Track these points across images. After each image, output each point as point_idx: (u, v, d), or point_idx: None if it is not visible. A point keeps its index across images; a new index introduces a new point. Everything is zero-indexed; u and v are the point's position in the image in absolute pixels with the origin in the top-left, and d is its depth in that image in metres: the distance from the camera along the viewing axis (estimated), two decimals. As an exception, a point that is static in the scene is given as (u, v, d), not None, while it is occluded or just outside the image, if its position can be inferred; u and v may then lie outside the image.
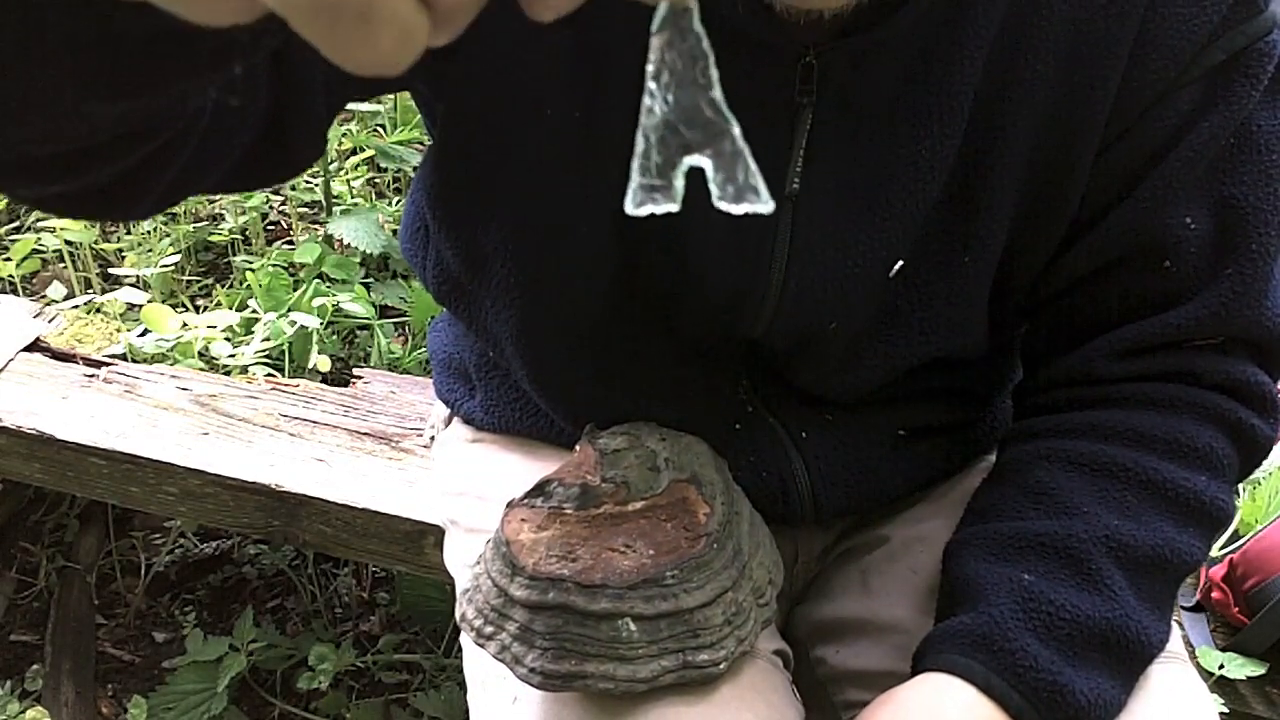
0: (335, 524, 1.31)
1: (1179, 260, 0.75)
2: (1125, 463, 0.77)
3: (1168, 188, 0.74)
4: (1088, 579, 0.73)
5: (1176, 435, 0.77)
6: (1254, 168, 0.73)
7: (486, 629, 0.72)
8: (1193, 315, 0.77)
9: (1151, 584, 0.74)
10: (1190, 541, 0.76)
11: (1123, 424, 0.78)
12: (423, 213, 0.88)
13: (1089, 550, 0.73)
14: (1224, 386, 0.79)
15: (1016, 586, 0.73)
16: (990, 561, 0.76)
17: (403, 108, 2.27)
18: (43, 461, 1.39)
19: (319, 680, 1.55)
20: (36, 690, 1.59)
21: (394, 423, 1.41)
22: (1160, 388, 0.79)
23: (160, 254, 1.98)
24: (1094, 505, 0.76)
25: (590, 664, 0.69)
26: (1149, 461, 0.77)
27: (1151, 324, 0.78)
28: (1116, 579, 0.73)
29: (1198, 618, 1.27)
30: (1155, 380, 0.79)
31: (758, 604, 0.75)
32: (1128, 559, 0.74)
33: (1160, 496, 0.76)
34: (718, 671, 0.71)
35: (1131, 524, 0.74)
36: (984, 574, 0.75)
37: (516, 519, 0.75)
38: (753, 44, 0.68)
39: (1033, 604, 0.72)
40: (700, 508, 0.74)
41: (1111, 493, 0.76)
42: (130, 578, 1.75)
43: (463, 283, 0.87)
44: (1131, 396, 0.80)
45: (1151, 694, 0.76)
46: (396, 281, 2.02)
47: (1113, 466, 0.77)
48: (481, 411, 0.98)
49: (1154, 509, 0.76)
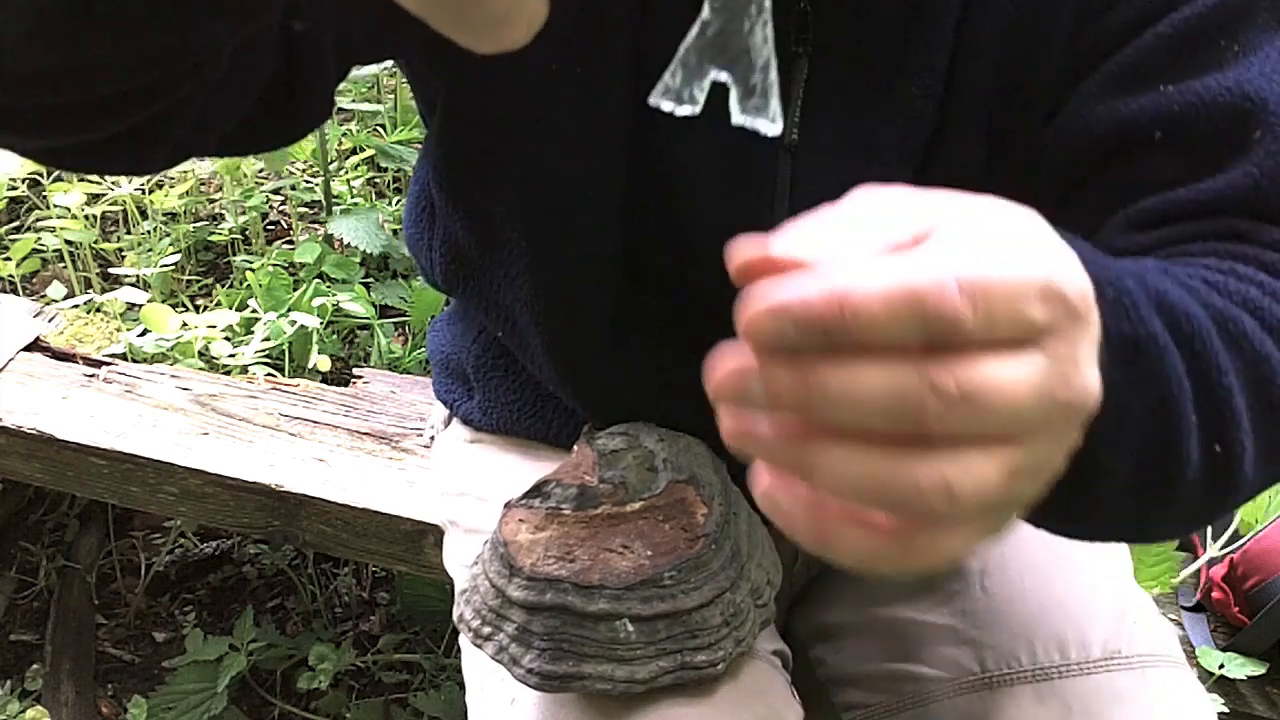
0: (335, 524, 1.31)
1: (1183, 139, 0.66)
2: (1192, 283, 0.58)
3: (1135, 70, 0.67)
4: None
5: (1234, 270, 0.60)
6: (1226, 48, 0.66)
7: (484, 629, 0.72)
8: (1224, 185, 0.64)
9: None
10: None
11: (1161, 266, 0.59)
12: (428, 193, 0.88)
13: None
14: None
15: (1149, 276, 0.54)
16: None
17: (403, 108, 2.27)
18: (43, 461, 1.39)
19: (319, 680, 1.55)
20: (36, 690, 1.59)
21: (394, 423, 1.41)
22: (1199, 246, 0.64)
23: (160, 254, 1.98)
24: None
25: (588, 665, 0.69)
26: (1210, 295, 0.57)
27: (1175, 193, 0.66)
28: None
29: (1198, 618, 1.27)
30: (1191, 242, 0.65)
31: (756, 605, 0.75)
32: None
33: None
34: (716, 672, 0.71)
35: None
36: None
37: (514, 519, 0.75)
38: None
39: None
40: (698, 508, 0.74)
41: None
42: (130, 577, 1.75)
43: (472, 258, 0.87)
44: (1163, 256, 0.64)
45: (1149, 697, 0.76)
46: (396, 281, 2.02)
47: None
48: (480, 412, 0.98)
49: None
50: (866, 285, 0.34)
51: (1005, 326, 0.36)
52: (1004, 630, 0.81)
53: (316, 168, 2.19)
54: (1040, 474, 0.39)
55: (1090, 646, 0.78)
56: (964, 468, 0.36)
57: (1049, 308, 0.36)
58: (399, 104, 2.28)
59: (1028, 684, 0.78)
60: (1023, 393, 0.36)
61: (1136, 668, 0.78)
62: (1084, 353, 0.39)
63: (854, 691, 0.87)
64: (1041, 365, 0.36)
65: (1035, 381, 0.36)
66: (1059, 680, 0.78)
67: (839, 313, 0.34)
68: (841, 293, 0.34)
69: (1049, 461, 0.39)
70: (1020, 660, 0.79)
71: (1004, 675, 0.79)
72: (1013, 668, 0.79)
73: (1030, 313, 0.36)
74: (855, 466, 0.36)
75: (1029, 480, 0.39)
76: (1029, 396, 0.36)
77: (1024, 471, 0.38)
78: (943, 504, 0.36)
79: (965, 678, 0.80)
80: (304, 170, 2.30)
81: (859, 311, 0.34)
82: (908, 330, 0.34)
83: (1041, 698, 0.77)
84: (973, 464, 0.36)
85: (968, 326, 0.34)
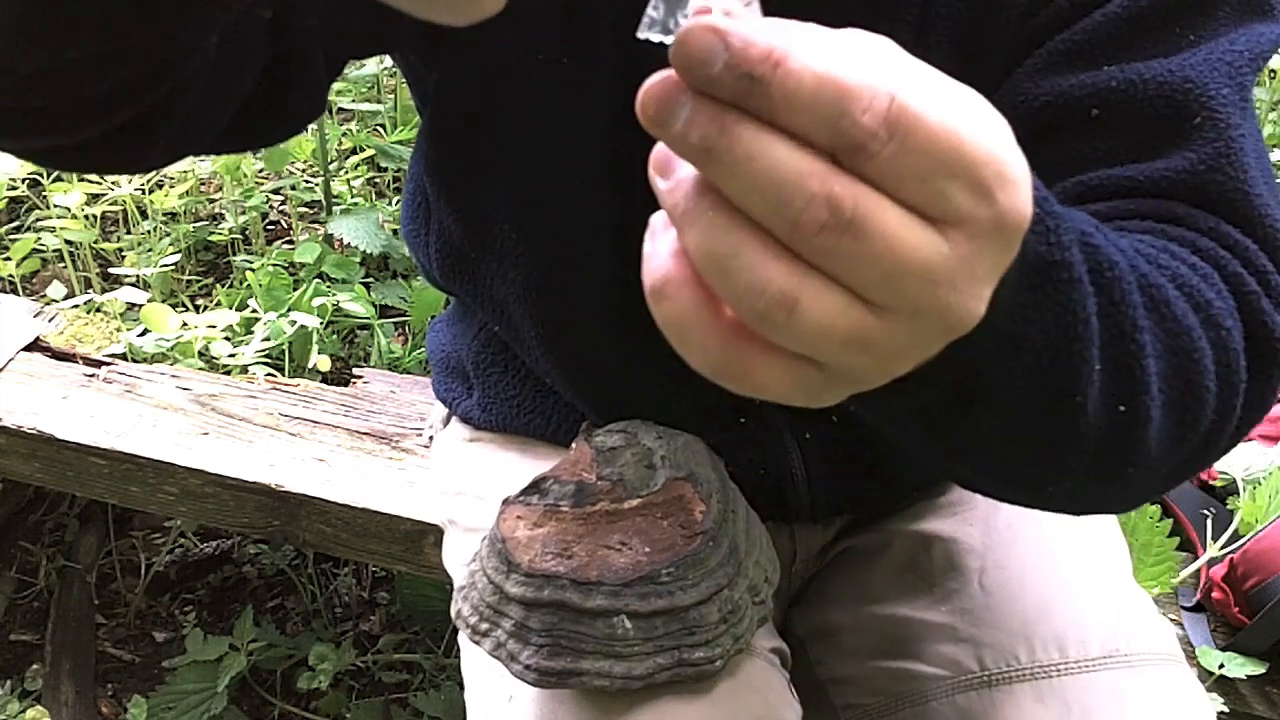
0: (335, 524, 1.31)
1: (1120, 119, 0.65)
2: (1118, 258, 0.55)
3: (1080, 47, 0.66)
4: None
5: (1167, 248, 0.60)
6: (1181, 35, 0.65)
7: (482, 626, 0.72)
8: (1162, 167, 0.63)
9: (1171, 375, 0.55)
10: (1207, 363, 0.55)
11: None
12: (422, 188, 0.89)
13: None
14: (1217, 237, 0.62)
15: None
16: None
17: (403, 108, 2.27)
18: (43, 461, 1.39)
19: (319, 680, 1.55)
20: (36, 690, 1.59)
21: (394, 423, 1.41)
22: (1135, 224, 0.63)
23: (160, 254, 1.98)
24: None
25: (585, 661, 0.69)
26: (1139, 263, 0.56)
27: (1113, 171, 0.65)
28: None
29: (1198, 617, 1.26)
30: (1127, 219, 0.64)
31: (754, 602, 0.75)
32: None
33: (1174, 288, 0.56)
34: (713, 669, 0.71)
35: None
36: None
37: (512, 516, 0.75)
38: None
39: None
40: (696, 505, 0.74)
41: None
42: (130, 577, 1.75)
43: (466, 251, 0.87)
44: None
45: (1148, 696, 0.76)
46: (396, 281, 2.02)
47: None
48: (479, 409, 0.98)
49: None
50: (810, 58, 0.32)
51: (916, 187, 0.33)
52: (1003, 628, 0.81)
53: (316, 167, 2.19)
54: (882, 363, 0.37)
55: (1089, 645, 0.78)
56: (818, 296, 0.34)
57: (975, 200, 0.34)
58: (399, 104, 2.28)
59: (1027, 682, 0.78)
60: (908, 261, 0.34)
61: (1136, 666, 0.78)
62: (987, 268, 0.36)
63: (853, 690, 0.86)
64: (940, 252, 0.34)
65: (925, 259, 0.34)
66: (1058, 679, 0.77)
67: (771, 67, 0.32)
68: (784, 51, 0.32)
69: (896, 355, 0.37)
70: (1019, 659, 0.79)
71: (1003, 674, 0.79)
72: (1012, 666, 0.79)
73: (951, 193, 0.34)
74: (726, 237, 0.34)
75: (868, 360, 0.36)
76: (913, 268, 0.34)
77: (869, 345, 0.35)
78: (781, 316, 0.34)
79: (964, 676, 0.80)
80: (304, 170, 2.30)
81: (788, 77, 0.32)
82: (818, 123, 0.33)
83: (1040, 696, 0.77)
84: (828, 299, 0.34)
85: (873, 151, 0.32)
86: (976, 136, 0.34)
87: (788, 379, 0.37)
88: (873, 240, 0.33)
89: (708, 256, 0.35)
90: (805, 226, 0.33)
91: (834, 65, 0.32)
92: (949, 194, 0.34)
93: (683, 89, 0.34)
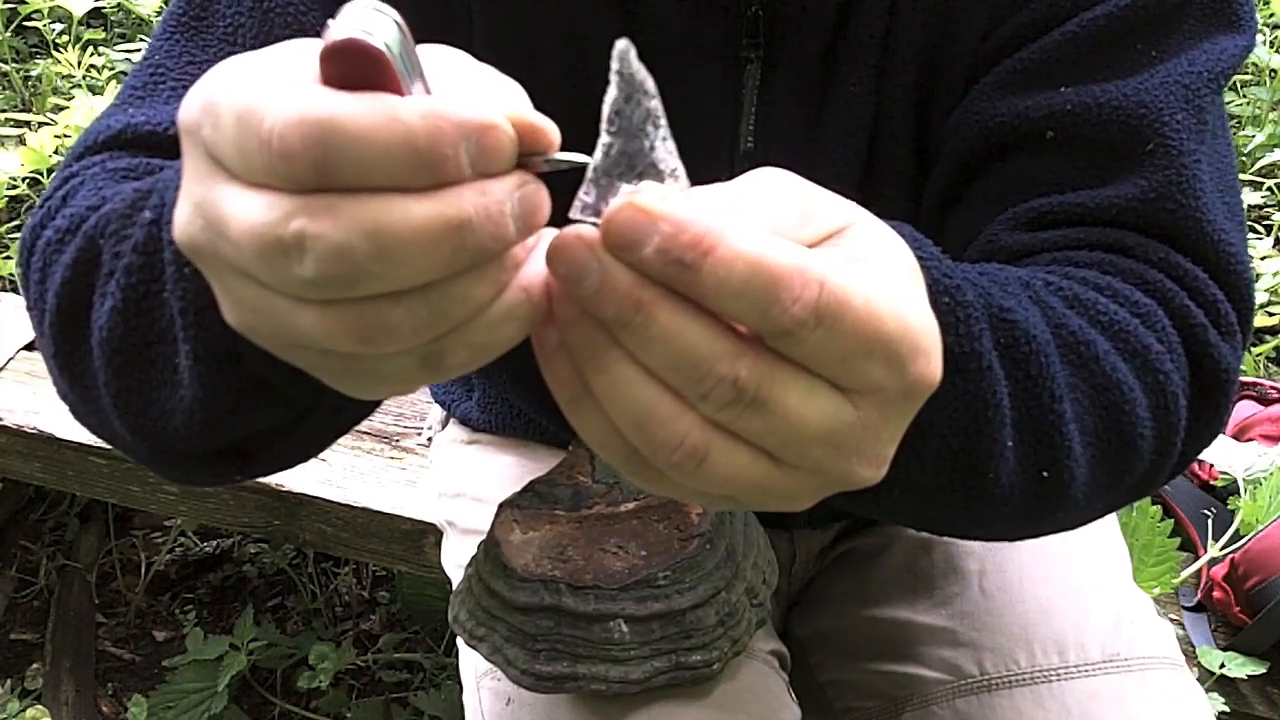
0: (335, 523, 1.31)
1: (1074, 142, 0.65)
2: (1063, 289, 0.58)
3: (1038, 67, 0.66)
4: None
5: (1111, 286, 0.60)
6: (1143, 53, 0.65)
7: (478, 630, 0.72)
8: (1113, 194, 0.63)
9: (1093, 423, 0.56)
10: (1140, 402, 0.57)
11: (1036, 275, 0.60)
12: None
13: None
14: (1166, 268, 0.62)
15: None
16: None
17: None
18: (43, 460, 1.39)
19: (319, 679, 1.55)
20: (36, 689, 1.59)
21: (394, 422, 1.41)
22: (1084, 255, 0.63)
23: (161, 253, 1.97)
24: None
25: (582, 665, 0.68)
26: (1085, 294, 0.58)
27: (1065, 197, 0.65)
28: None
29: (1199, 617, 1.26)
30: (1076, 249, 0.64)
31: (751, 604, 0.75)
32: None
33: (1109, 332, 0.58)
34: (711, 672, 0.71)
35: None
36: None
37: (508, 520, 0.75)
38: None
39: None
40: (692, 508, 0.74)
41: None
42: (130, 576, 1.75)
43: None
44: (1047, 261, 0.64)
45: (1148, 699, 0.76)
46: (397, 280, 2.02)
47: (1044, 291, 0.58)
48: (478, 410, 0.98)
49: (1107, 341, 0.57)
50: (740, 242, 0.33)
51: (836, 366, 0.35)
52: (1003, 632, 0.81)
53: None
54: (785, 502, 0.39)
55: (1089, 649, 0.78)
56: (725, 450, 0.35)
57: (889, 373, 0.35)
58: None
59: (1027, 686, 0.78)
60: (812, 433, 0.35)
61: (1135, 670, 0.78)
62: (892, 431, 0.38)
63: (852, 693, 0.86)
64: (845, 420, 0.36)
65: (829, 429, 0.35)
66: (1058, 683, 0.77)
67: (701, 255, 0.32)
68: (715, 238, 0.32)
69: (799, 498, 0.39)
70: (1019, 662, 0.79)
71: (1003, 677, 0.79)
72: (1011, 670, 0.79)
73: (868, 369, 0.35)
74: (640, 392, 0.35)
75: (772, 500, 0.38)
76: (816, 438, 0.35)
77: (772, 491, 0.37)
78: (690, 466, 0.35)
79: (964, 680, 0.80)
80: (305, 169, 2.30)
81: (719, 265, 0.32)
82: (747, 309, 0.33)
83: (1040, 700, 0.77)
84: (735, 454, 0.36)
85: (800, 337, 0.33)
86: (895, 313, 0.35)
87: (687, 496, 0.39)
88: (774, 416, 0.35)
89: (620, 409, 0.36)
90: (713, 400, 0.35)
91: (765, 250, 0.33)
92: (866, 370, 0.35)
93: (594, 253, 0.34)
